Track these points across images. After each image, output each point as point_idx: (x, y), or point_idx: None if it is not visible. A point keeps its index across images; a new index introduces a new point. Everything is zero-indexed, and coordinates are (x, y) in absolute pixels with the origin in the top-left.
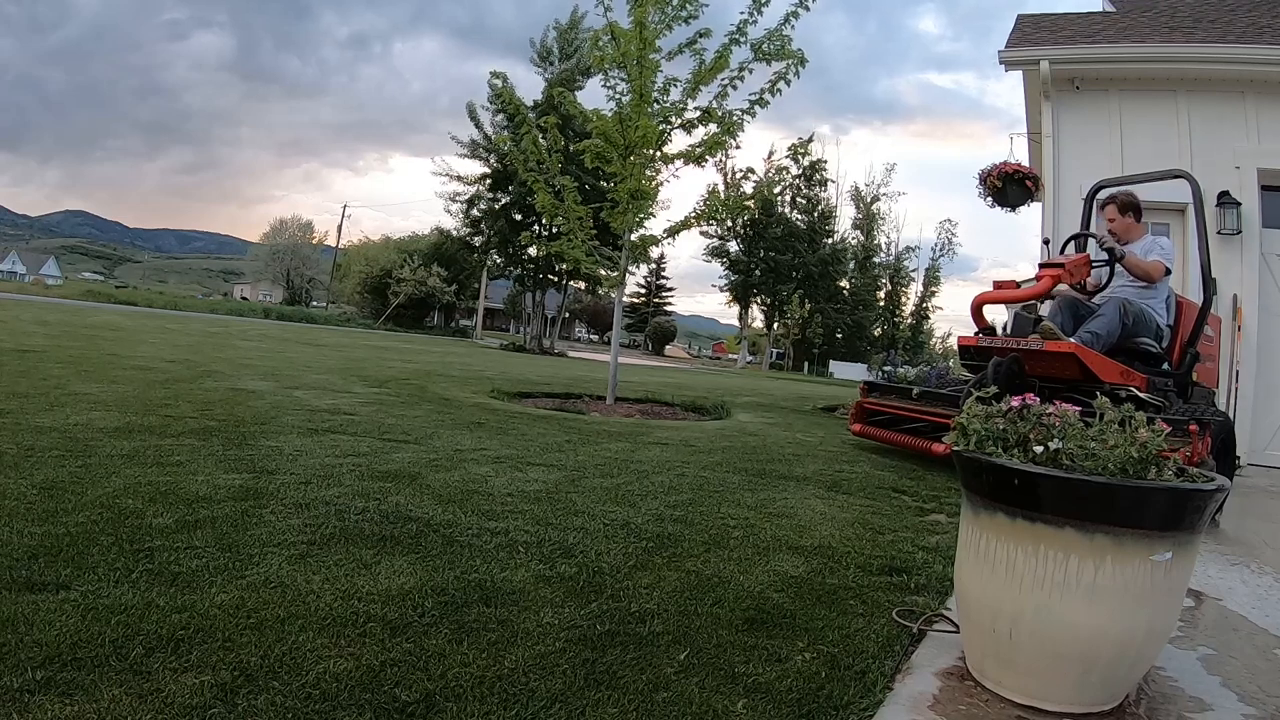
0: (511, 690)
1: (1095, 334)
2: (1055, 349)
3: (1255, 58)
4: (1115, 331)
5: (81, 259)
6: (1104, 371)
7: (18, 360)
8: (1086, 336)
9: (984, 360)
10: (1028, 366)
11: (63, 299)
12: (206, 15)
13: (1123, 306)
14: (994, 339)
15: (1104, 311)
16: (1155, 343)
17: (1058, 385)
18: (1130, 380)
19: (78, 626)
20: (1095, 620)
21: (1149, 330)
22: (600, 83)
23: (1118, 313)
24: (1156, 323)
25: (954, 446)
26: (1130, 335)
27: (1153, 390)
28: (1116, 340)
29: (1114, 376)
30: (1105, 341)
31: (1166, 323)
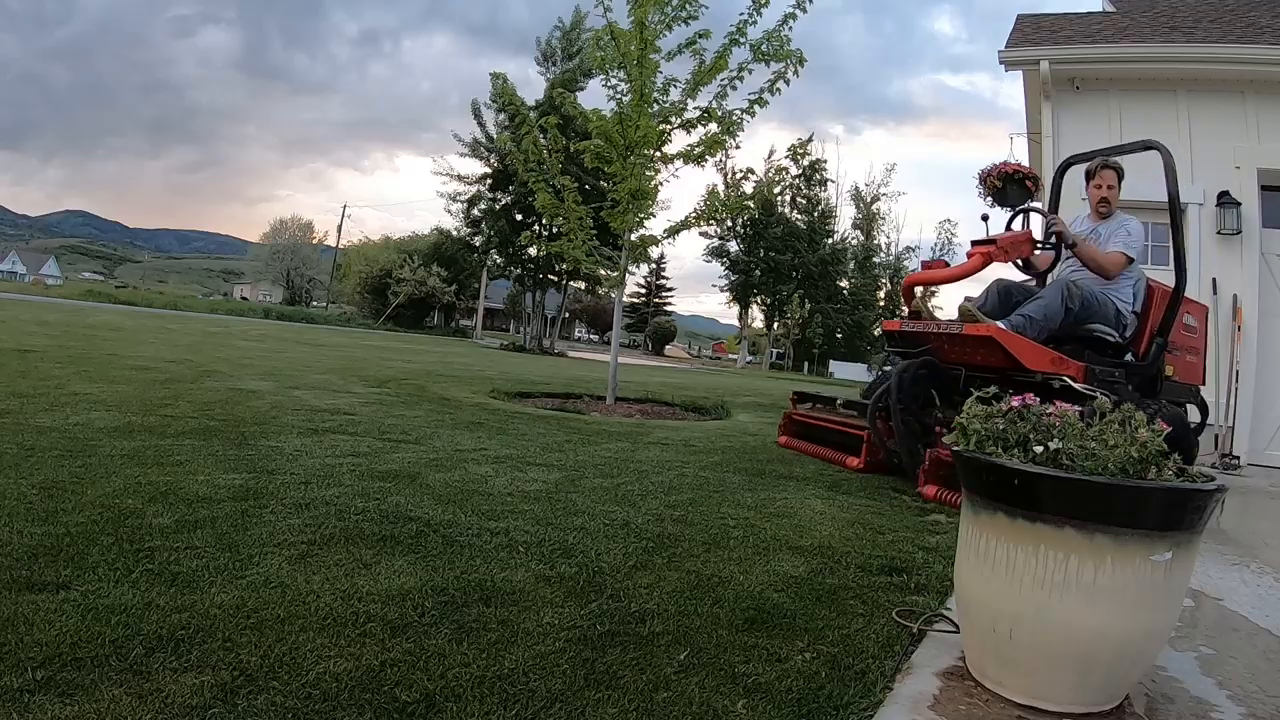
0: (511, 690)
1: (1029, 318)
2: (973, 332)
3: (1255, 58)
4: (1056, 316)
5: (81, 259)
6: (1030, 358)
7: (18, 360)
8: (1018, 320)
9: (911, 347)
10: (952, 353)
11: (63, 299)
12: (214, 11)
13: (1066, 289)
14: (919, 323)
15: (1043, 294)
16: (1114, 331)
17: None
18: (1063, 369)
19: (78, 626)
20: (1095, 620)
21: (1105, 316)
22: (601, 83)
23: (1059, 296)
24: (1117, 309)
25: (954, 446)
26: (1081, 321)
27: (1093, 381)
28: (1060, 326)
29: (1042, 364)
30: (1042, 327)
31: (1132, 309)
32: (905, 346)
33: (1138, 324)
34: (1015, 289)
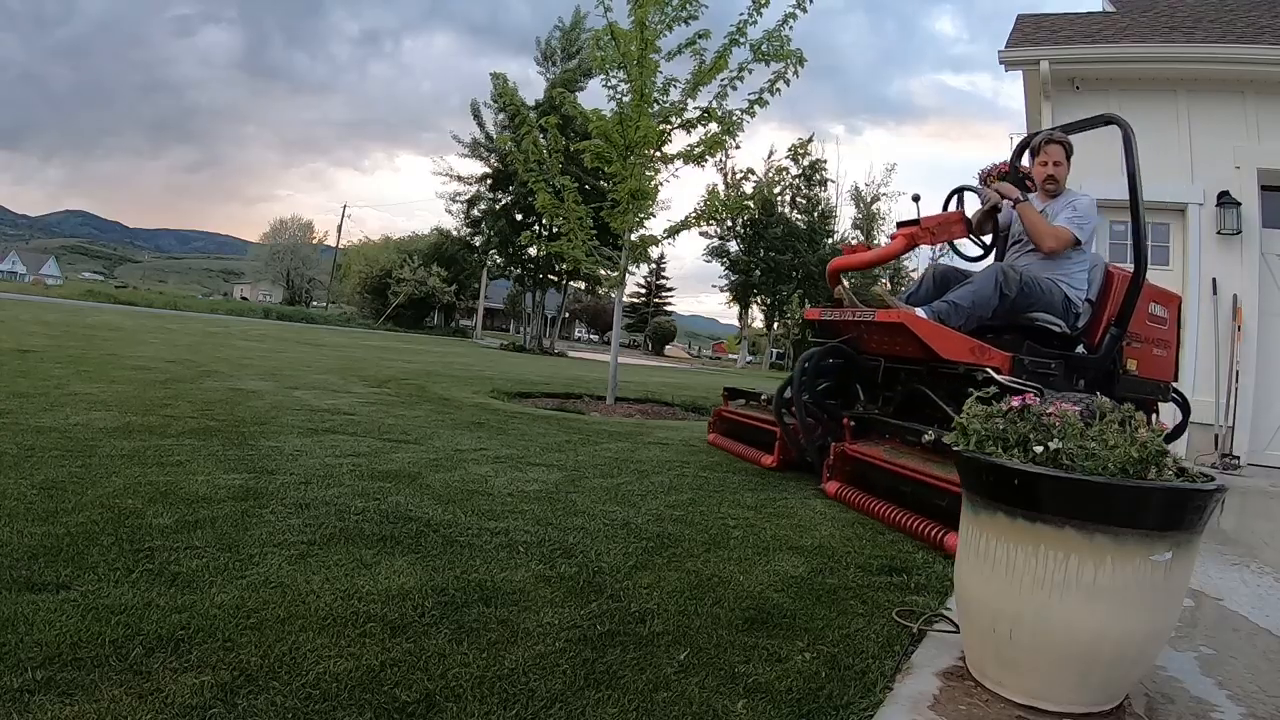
0: (511, 690)
1: (954, 304)
2: (884, 319)
3: (1255, 58)
4: (987, 303)
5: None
6: (945, 347)
7: (18, 360)
8: (942, 307)
9: (833, 336)
10: (871, 342)
11: (63, 299)
12: (215, 11)
13: (1001, 274)
14: (838, 312)
15: (974, 279)
16: (1061, 320)
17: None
18: (985, 359)
19: (78, 626)
20: (1095, 620)
21: (1049, 304)
22: (601, 83)
23: (992, 281)
24: (1066, 296)
25: (954, 446)
26: (1021, 309)
27: (1021, 374)
28: (996, 314)
29: (960, 354)
30: (970, 314)
31: (1085, 297)
32: (827, 336)
33: (1092, 313)
34: (953, 274)
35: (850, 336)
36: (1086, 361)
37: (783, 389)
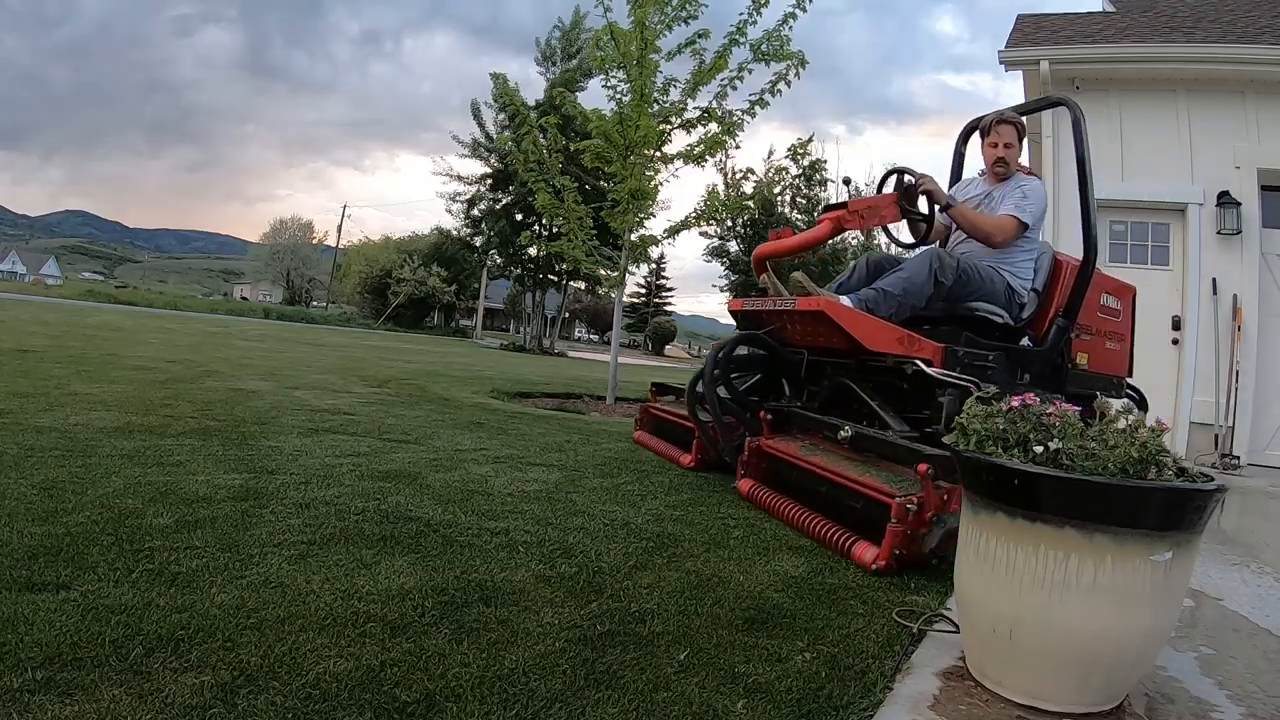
0: (511, 690)
1: (884, 292)
2: (804, 307)
3: (1255, 58)
4: (920, 291)
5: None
6: (870, 336)
7: (18, 360)
8: (870, 294)
9: (756, 326)
10: (794, 333)
11: (63, 299)
12: (216, 11)
13: (936, 259)
14: (761, 301)
15: (906, 265)
16: (1004, 310)
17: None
18: (913, 350)
19: (78, 626)
20: (1095, 620)
21: (990, 293)
22: (601, 83)
23: (926, 267)
24: (1009, 285)
25: (954, 446)
26: (959, 298)
27: (954, 365)
28: (931, 303)
29: (886, 344)
30: (901, 302)
31: (1030, 287)
32: (752, 327)
33: (1039, 304)
34: (888, 263)
35: (774, 327)
36: (1031, 354)
37: (695, 382)
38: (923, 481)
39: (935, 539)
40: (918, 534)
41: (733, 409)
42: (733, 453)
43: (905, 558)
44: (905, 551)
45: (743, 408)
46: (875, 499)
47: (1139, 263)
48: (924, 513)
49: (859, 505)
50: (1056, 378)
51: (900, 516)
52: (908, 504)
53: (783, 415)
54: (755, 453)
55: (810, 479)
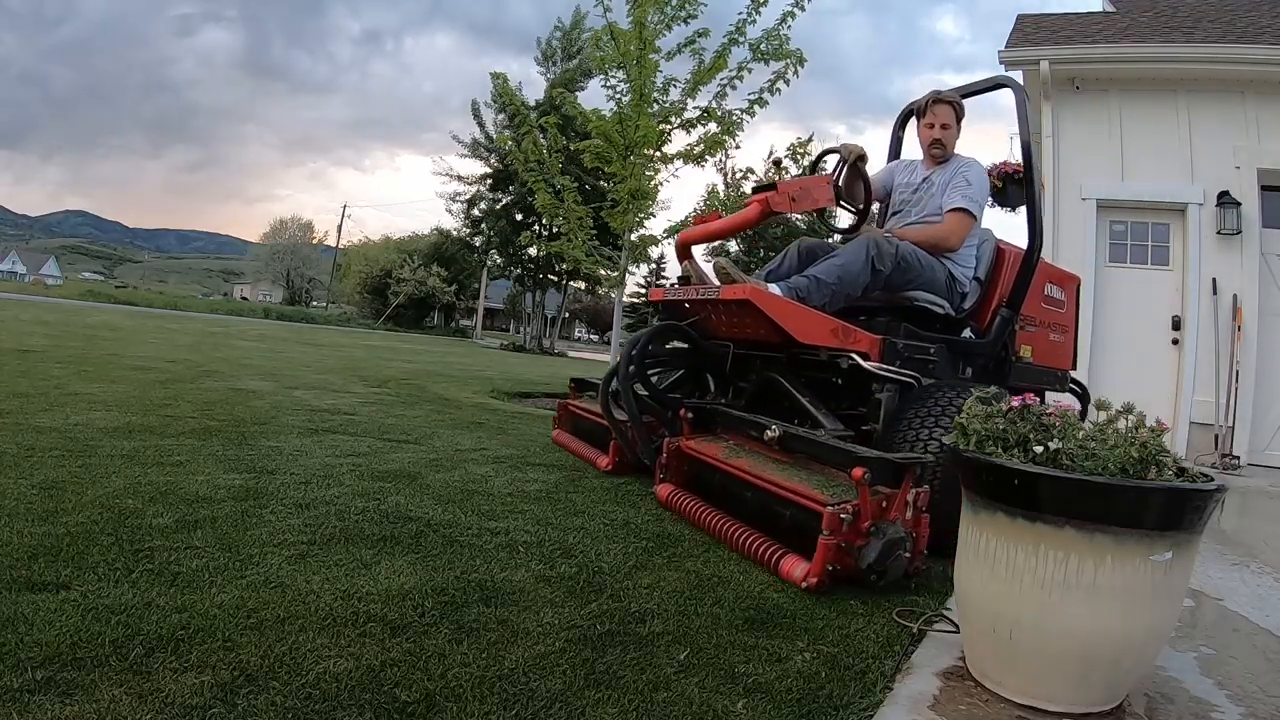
0: (511, 690)
1: (817, 280)
2: (729, 295)
3: (1255, 58)
4: (856, 280)
5: (81, 259)
6: (800, 327)
7: (18, 360)
8: (802, 282)
9: (679, 318)
10: (720, 324)
11: (63, 299)
12: (216, 10)
13: (873, 245)
14: (685, 290)
15: (841, 252)
16: (945, 300)
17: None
18: (849, 342)
19: (78, 626)
20: (1095, 620)
21: (931, 282)
22: (601, 83)
23: (862, 254)
24: (950, 274)
25: (954, 446)
26: (897, 287)
27: (893, 359)
28: (868, 293)
29: (818, 335)
30: (836, 291)
31: (972, 276)
32: (674, 319)
33: (981, 293)
34: (821, 250)
35: (697, 318)
36: (974, 346)
37: (609, 378)
38: (858, 487)
39: (874, 552)
40: (853, 546)
41: (651, 407)
42: (650, 454)
43: (840, 573)
44: (840, 566)
45: (662, 405)
46: (805, 506)
47: (1139, 263)
48: (860, 522)
49: (787, 514)
50: (1000, 371)
51: (833, 527)
52: (841, 513)
53: (705, 414)
54: (674, 455)
55: (734, 484)
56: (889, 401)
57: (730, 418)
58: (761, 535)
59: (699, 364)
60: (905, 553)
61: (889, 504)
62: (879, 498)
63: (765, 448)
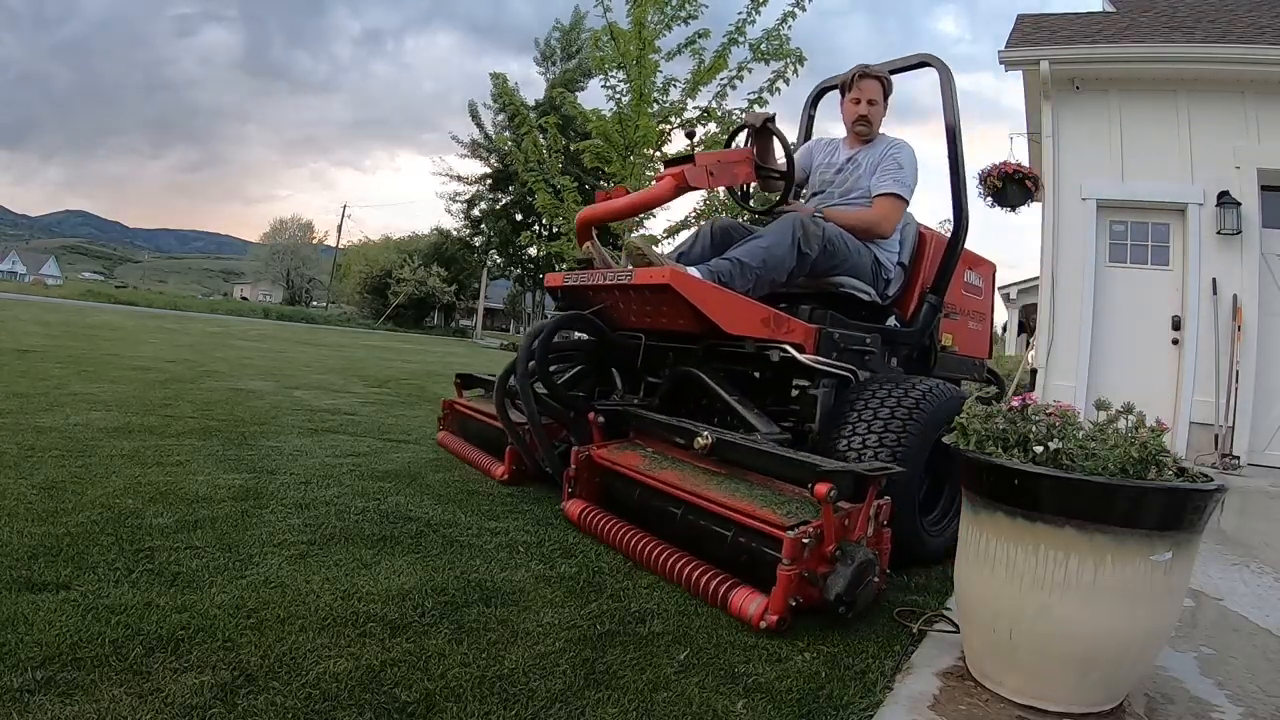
0: (511, 690)
1: (740, 263)
2: (645, 280)
3: (1255, 58)
4: (781, 263)
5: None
6: (727, 315)
7: (18, 360)
8: (724, 265)
9: (578, 304)
10: (631, 313)
11: (63, 299)
12: (216, 10)
13: (799, 226)
14: (587, 274)
15: (765, 232)
16: (870, 287)
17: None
18: (781, 333)
19: (78, 626)
20: (1095, 620)
21: (858, 268)
22: (600, 83)
23: (788, 235)
24: (876, 259)
25: (954, 446)
26: (823, 273)
27: (831, 351)
28: (793, 278)
29: (747, 325)
30: (761, 275)
31: (897, 261)
32: (573, 305)
33: (905, 279)
34: (738, 231)
35: (603, 306)
36: (901, 336)
37: (506, 375)
38: (822, 506)
39: (843, 580)
40: (816, 575)
41: (554, 409)
42: (555, 463)
43: (801, 606)
44: (802, 598)
45: (566, 407)
46: (756, 529)
47: (1139, 263)
48: (824, 546)
49: (729, 536)
50: (925, 361)
51: (795, 554)
52: (803, 537)
53: (618, 416)
54: (585, 466)
55: (661, 501)
56: (825, 398)
57: (650, 422)
58: (702, 564)
59: (605, 358)
60: (875, 578)
61: (851, 521)
62: (841, 515)
63: (693, 457)
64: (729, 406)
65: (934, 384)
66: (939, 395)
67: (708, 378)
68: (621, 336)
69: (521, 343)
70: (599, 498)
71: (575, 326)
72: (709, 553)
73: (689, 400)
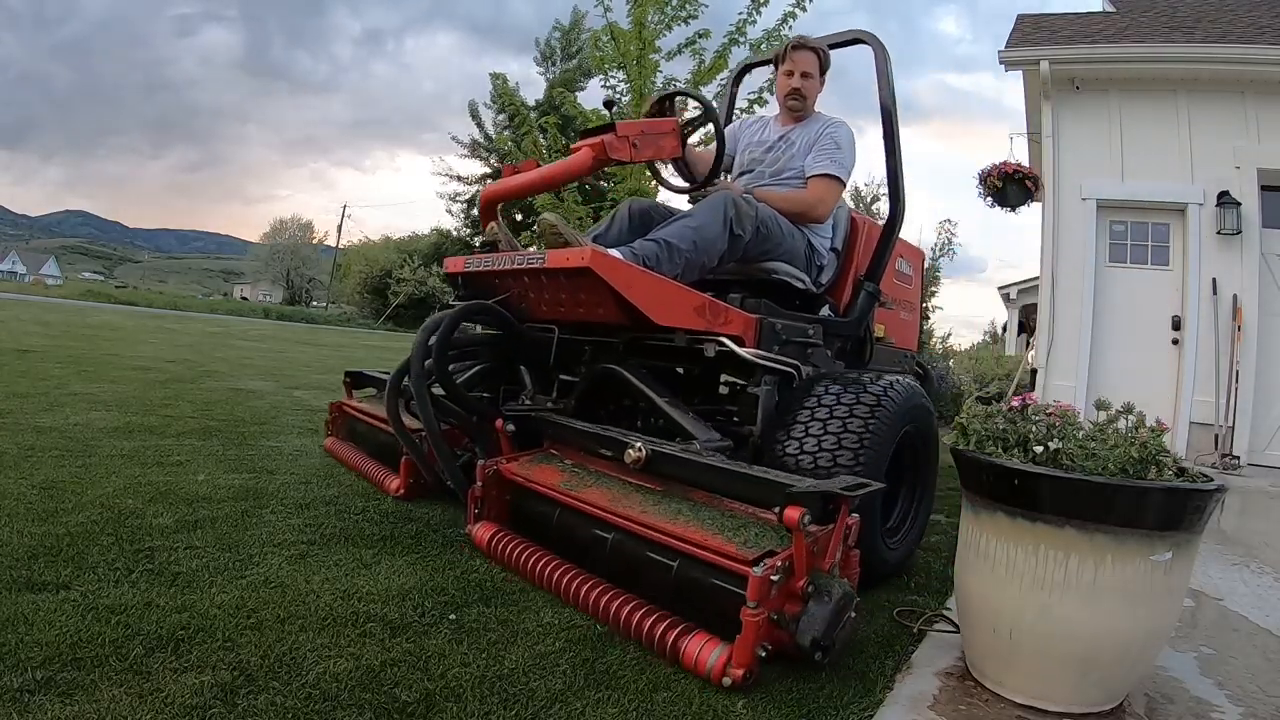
0: (511, 690)
1: (667, 244)
2: (559, 263)
3: (1255, 58)
4: (712, 246)
5: (81, 259)
6: (659, 305)
7: (18, 360)
8: (649, 247)
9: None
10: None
11: (63, 299)
12: (216, 10)
13: (731, 205)
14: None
15: (693, 211)
16: (804, 274)
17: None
18: (718, 324)
19: (78, 626)
20: (1095, 620)
21: (791, 253)
22: (600, 83)
23: (720, 215)
24: (810, 244)
25: (954, 446)
26: (754, 258)
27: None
28: (722, 261)
29: (680, 315)
30: (690, 259)
31: (830, 247)
32: (473, 293)
33: (838, 266)
34: (659, 213)
35: (510, 294)
36: (838, 326)
37: (399, 375)
38: (793, 534)
39: (820, 622)
40: (786, 617)
41: (456, 413)
42: (458, 478)
43: (771, 653)
44: (771, 645)
45: (469, 411)
46: (708, 562)
47: (1139, 263)
48: (795, 581)
49: (673, 566)
50: (860, 354)
51: (762, 595)
52: (771, 573)
53: (531, 423)
54: (494, 482)
55: (587, 525)
56: (767, 399)
57: (570, 431)
58: (644, 604)
59: (514, 354)
60: (854, 613)
61: (821, 547)
62: (811, 540)
63: (622, 471)
64: (655, 409)
65: (894, 379)
66: (901, 392)
67: (632, 376)
68: (532, 329)
69: (416, 338)
70: (513, 520)
71: (478, 319)
72: (650, 586)
73: (609, 401)
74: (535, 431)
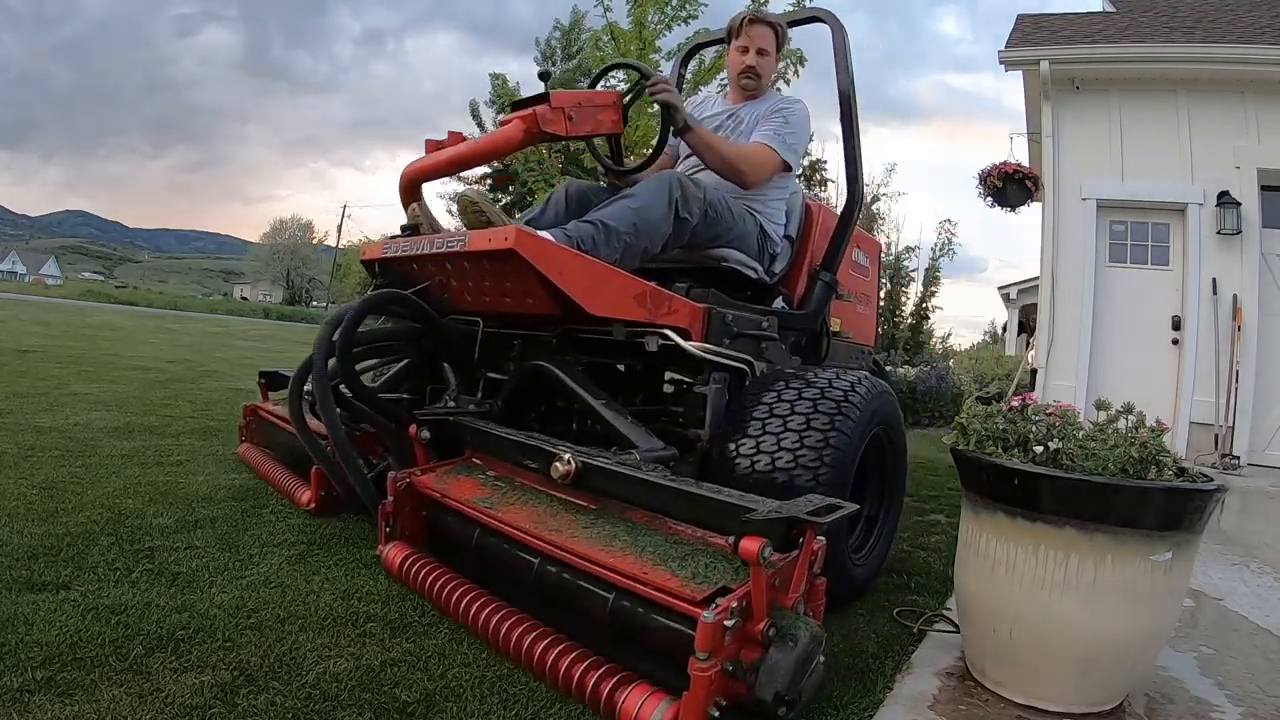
0: (511, 690)
1: (605, 226)
2: (481, 245)
3: (1255, 58)
4: (655, 229)
5: (81, 259)
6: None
7: (18, 360)
8: (585, 229)
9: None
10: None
11: (63, 299)
12: (216, 10)
13: (677, 185)
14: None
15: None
16: (756, 262)
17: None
18: (662, 315)
19: (78, 626)
20: (1095, 620)
21: (745, 240)
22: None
23: (664, 195)
24: (763, 229)
25: (954, 446)
26: (702, 244)
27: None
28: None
29: (618, 305)
30: (630, 243)
31: (783, 235)
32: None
33: (792, 255)
34: (598, 195)
35: (430, 283)
36: (793, 319)
37: (301, 375)
38: (751, 569)
39: (782, 673)
40: (742, 665)
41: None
42: (369, 491)
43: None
44: (726, 701)
45: (384, 415)
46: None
47: (1139, 263)
48: (754, 623)
49: (609, 599)
50: (816, 349)
51: (714, 644)
52: (724, 617)
53: (449, 429)
54: (407, 496)
55: (509, 548)
56: (716, 398)
57: (491, 438)
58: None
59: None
60: (822, 657)
61: (783, 580)
62: (771, 572)
63: (551, 485)
64: (590, 410)
65: (860, 376)
66: (868, 391)
67: (563, 374)
68: (453, 321)
69: (319, 333)
70: (428, 541)
71: (390, 310)
72: (582, 621)
73: (540, 402)
74: (451, 436)
